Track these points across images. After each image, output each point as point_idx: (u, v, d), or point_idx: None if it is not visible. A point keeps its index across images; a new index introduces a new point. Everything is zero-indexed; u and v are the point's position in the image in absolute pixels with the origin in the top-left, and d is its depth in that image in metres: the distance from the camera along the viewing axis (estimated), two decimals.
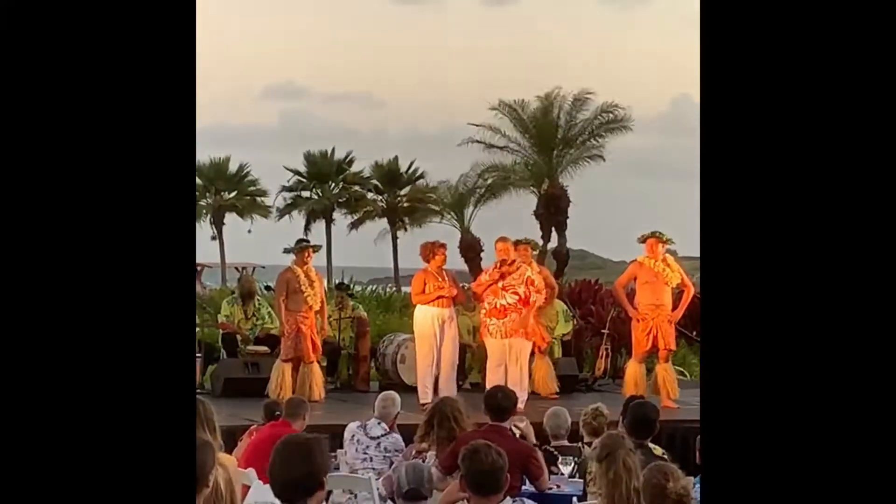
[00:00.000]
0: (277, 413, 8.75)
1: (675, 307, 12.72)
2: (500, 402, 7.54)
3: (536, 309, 12.54)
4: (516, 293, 12.12)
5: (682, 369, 14.88)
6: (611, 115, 25.68)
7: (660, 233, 12.68)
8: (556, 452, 7.90)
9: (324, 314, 13.25)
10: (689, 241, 13.24)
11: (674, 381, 12.83)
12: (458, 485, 5.60)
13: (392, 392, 9.02)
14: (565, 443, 8.21)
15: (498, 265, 12.13)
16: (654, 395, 12.54)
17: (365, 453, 8.30)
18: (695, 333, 16.24)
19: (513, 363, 12.09)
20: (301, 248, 12.96)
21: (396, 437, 8.38)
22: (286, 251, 13.13)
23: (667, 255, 12.79)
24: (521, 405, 11.56)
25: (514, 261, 12.17)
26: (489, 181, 26.21)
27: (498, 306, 12.06)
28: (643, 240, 12.67)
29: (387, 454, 8.22)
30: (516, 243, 12.66)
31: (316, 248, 13.32)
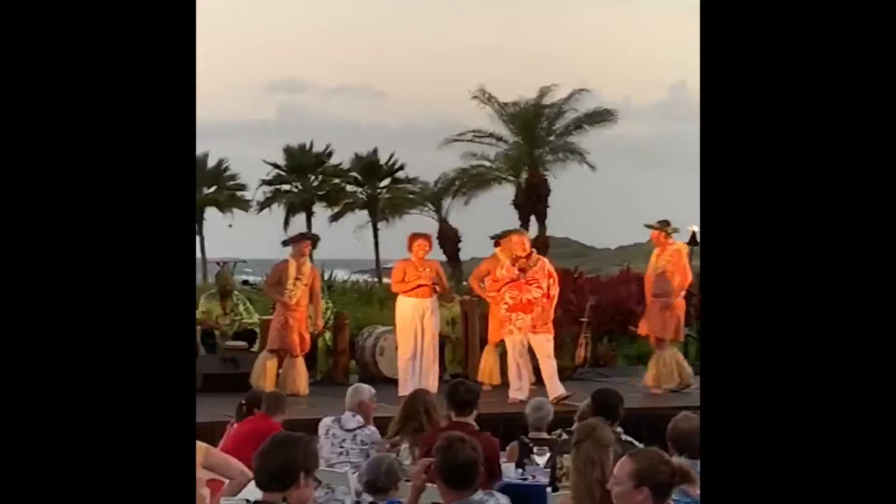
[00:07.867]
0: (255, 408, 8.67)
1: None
2: (463, 396, 7.53)
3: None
4: (540, 287, 12.12)
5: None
6: (595, 110, 25.85)
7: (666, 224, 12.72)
8: (530, 444, 7.86)
9: (318, 309, 13.11)
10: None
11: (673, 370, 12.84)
12: (423, 465, 5.60)
13: (362, 384, 8.97)
14: (543, 434, 8.18)
15: (515, 259, 12.10)
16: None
17: (341, 447, 8.25)
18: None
19: (544, 358, 12.08)
20: (298, 240, 12.92)
21: (372, 429, 8.33)
22: (285, 244, 13.09)
23: (677, 247, 12.78)
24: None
25: (530, 254, 12.18)
26: (472, 173, 26.18)
27: (524, 301, 12.02)
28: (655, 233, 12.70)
29: (363, 447, 8.17)
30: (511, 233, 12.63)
31: (314, 241, 13.25)
